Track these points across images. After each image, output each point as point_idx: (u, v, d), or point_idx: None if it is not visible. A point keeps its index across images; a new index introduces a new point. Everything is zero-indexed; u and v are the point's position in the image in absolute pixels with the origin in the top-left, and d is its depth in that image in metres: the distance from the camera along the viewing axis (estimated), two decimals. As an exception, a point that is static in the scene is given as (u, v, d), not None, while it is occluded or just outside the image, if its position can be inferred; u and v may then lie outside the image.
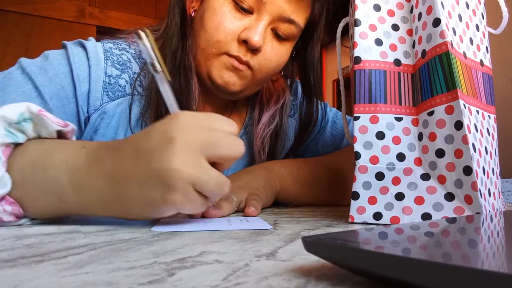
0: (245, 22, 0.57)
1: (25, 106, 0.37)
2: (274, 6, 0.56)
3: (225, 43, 0.56)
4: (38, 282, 0.17)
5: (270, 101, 0.71)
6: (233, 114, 0.72)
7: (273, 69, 0.61)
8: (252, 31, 0.55)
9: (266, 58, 0.59)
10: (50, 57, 0.55)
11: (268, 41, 0.58)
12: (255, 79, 0.60)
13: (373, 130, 0.41)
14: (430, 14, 0.40)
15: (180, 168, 0.32)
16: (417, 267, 0.14)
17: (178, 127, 0.33)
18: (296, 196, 0.65)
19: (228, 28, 0.56)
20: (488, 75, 0.46)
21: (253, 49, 0.56)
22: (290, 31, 0.59)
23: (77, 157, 0.35)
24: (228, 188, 0.36)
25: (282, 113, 0.71)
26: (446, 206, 0.38)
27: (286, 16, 0.58)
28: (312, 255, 0.19)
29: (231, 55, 0.56)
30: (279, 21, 0.58)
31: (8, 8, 2.57)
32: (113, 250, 0.24)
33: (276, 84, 0.73)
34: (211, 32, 0.56)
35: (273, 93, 0.72)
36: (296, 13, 0.59)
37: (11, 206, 0.35)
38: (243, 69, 0.57)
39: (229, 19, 0.56)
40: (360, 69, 0.42)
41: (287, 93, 0.72)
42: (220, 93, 0.61)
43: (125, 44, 0.62)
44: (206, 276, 0.18)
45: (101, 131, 0.56)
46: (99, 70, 0.56)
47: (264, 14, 0.56)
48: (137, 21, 3.06)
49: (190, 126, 0.34)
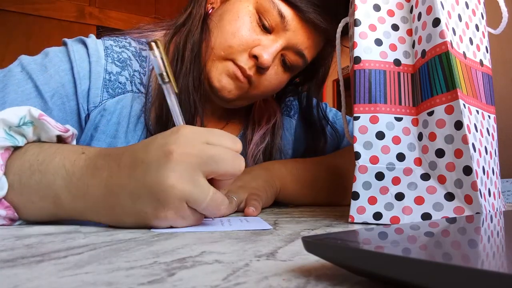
0: (261, 38, 0.57)
1: (26, 110, 0.37)
2: (293, 36, 0.58)
3: (236, 51, 0.56)
4: (38, 282, 0.17)
5: (261, 120, 0.72)
6: (228, 126, 0.72)
7: (269, 91, 0.63)
8: (266, 50, 0.56)
9: (267, 79, 0.59)
10: (51, 54, 0.55)
11: (275, 65, 0.59)
12: (250, 93, 0.61)
13: (373, 130, 0.41)
14: (430, 14, 0.40)
15: (174, 185, 0.32)
16: (417, 267, 0.14)
17: (177, 141, 0.33)
18: (296, 196, 0.65)
19: (245, 38, 0.56)
20: (488, 75, 0.46)
21: (260, 67, 0.57)
22: (297, 63, 0.61)
23: (75, 163, 0.35)
24: (224, 208, 0.35)
25: (274, 133, 0.71)
26: (446, 206, 0.38)
27: (299, 48, 0.59)
28: (312, 255, 0.19)
29: (237, 64, 0.57)
30: (291, 50, 0.59)
31: (8, 8, 2.57)
32: (113, 250, 0.24)
33: (267, 105, 0.74)
34: (226, 35, 0.56)
35: (265, 113, 0.72)
36: (309, 49, 0.60)
37: (5, 210, 0.35)
38: (243, 81, 0.58)
39: (249, 29, 0.56)
40: (360, 69, 0.42)
41: (278, 114, 0.73)
42: (213, 95, 0.61)
43: (126, 42, 0.62)
44: (206, 276, 0.18)
45: (101, 128, 0.56)
46: (99, 67, 0.56)
47: (281, 38, 0.57)
48: (137, 21, 3.04)
49: (190, 140, 0.34)
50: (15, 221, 0.36)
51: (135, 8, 3.02)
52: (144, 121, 0.58)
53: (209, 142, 0.34)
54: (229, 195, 0.50)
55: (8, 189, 0.35)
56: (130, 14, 2.98)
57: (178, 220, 0.33)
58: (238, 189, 0.53)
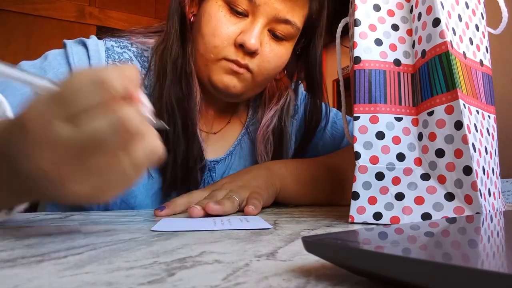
0: (240, 25, 0.56)
1: None
2: (268, 8, 0.56)
3: (222, 48, 0.56)
4: (38, 282, 0.17)
5: (271, 101, 0.70)
6: (234, 116, 0.72)
7: (273, 70, 0.61)
8: (248, 34, 0.55)
9: (264, 59, 0.58)
10: (49, 57, 0.55)
11: (266, 43, 0.58)
12: (256, 81, 0.60)
13: (373, 130, 0.41)
14: (430, 14, 0.40)
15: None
16: (417, 267, 0.14)
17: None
18: (296, 196, 0.65)
19: (224, 33, 0.56)
20: (488, 75, 0.46)
21: (250, 52, 0.56)
22: (287, 31, 0.59)
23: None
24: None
25: (283, 114, 0.70)
26: (446, 206, 0.38)
27: (282, 17, 0.57)
28: (312, 255, 0.19)
29: (230, 60, 0.56)
30: (275, 22, 0.58)
31: (8, 8, 2.58)
32: (113, 250, 0.24)
33: (279, 83, 0.72)
34: (208, 38, 0.56)
35: (275, 92, 0.71)
36: (292, 13, 0.58)
37: None
38: (242, 72, 0.57)
39: (225, 23, 0.56)
40: (360, 69, 0.42)
41: (289, 92, 0.71)
42: (222, 96, 0.61)
43: (127, 43, 0.62)
44: (206, 276, 0.18)
45: None
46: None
47: (259, 16, 0.56)
48: (137, 21, 3.06)
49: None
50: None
51: (135, 8, 3.02)
52: None
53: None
54: (231, 195, 0.50)
55: None
56: (130, 14, 2.98)
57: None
58: (239, 189, 0.53)
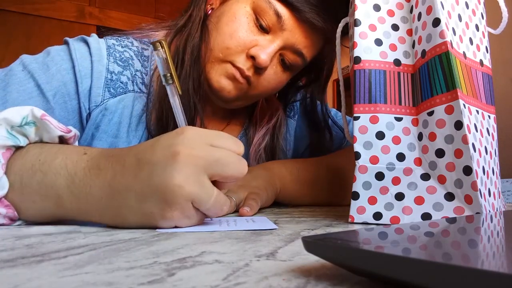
0: (259, 39, 0.57)
1: (29, 109, 0.37)
2: (290, 35, 0.57)
3: (233, 52, 0.56)
4: (38, 282, 0.17)
5: (263, 120, 0.71)
6: (229, 125, 0.72)
7: (269, 91, 0.63)
8: (263, 50, 0.56)
9: (266, 79, 0.59)
10: (52, 53, 0.55)
11: (273, 65, 0.59)
12: (249, 94, 0.61)
13: (373, 130, 0.41)
14: (430, 14, 0.40)
15: (181, 185, 0.32)
16: (417, 267, 0.14)
17: (183, 142, 0.33)
18: (296, 196, 0.65)
19: (242, 39, 0.56)
20: (488, 75, 0.46)
21: (258, 67, 0.57)
22: (296, 62, 0.61)
23: (77, 163, 0.35)
24: (226, 208, 0.36)
25: (275, 133, 0.71)
26: (446, 206, 0.38)
27: (297, 48, 0.59)
28: (312, 255, 0.19)
29: (236, 66, 0.57)
30: (290, 50, 0.59)
31: (8, 8, 2.57)
32: (113, 250, 0.24)
33: (270, 104, 0.74)
34: (223, 37, 0.56)
35: (267, 112, 0.72)
36: (307, 48, 0.60)
37: (5, 209, 0.35)
38: (242, 82, 0.58)
39: (246, 31, 0.56)
40: (360, 69, 0.42)
41: (280, 113, 0.72)
42: (213, 96, 0.61)
43: (128, 41, 0.62)
44: (206, 276, 0.18)
45: (102, 128, 0.56)
46: (101, 66, 0.56)
47: (279, 38, 0.57)
48: (137, 21, 3.05)
49: (196, 142, 0.34)
50: (15, 221, 0.36)
51: (135, 8, 3.02)
52: (146, 121, 0.58)
53: (213, 144, 0.35)
54: (228, 195, 0.50)
55: (9, 189, 0.35)
56: (130, 14, 2.98)
57: (184, 220, 0.34)
58: (238, 189, 0.53)
